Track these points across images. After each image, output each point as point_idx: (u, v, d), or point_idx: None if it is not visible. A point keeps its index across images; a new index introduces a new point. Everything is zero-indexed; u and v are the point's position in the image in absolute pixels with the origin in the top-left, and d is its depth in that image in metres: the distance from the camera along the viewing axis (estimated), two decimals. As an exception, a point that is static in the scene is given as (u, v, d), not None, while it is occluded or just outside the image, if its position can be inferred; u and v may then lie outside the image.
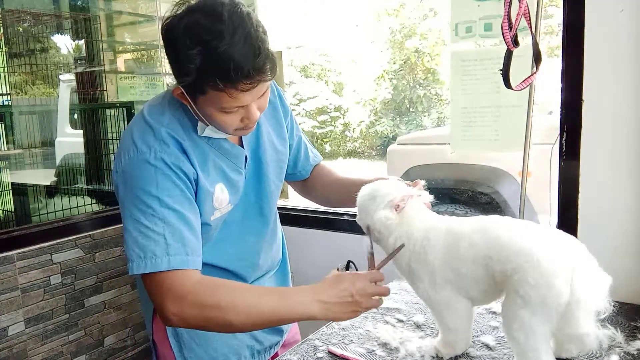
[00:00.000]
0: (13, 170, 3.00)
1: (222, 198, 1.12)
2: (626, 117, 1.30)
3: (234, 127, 1.04)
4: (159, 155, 1.03)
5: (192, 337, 1.20)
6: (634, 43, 1.27)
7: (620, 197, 1.32)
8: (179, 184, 1.04)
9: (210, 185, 1.09)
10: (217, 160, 1.12)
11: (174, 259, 0.99)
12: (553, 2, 5.25)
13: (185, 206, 1.04)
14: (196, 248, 1.03)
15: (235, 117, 1.02)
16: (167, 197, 1.02)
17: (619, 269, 1.11)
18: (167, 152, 1.04)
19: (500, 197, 3.52)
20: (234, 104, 0.98)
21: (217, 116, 1.01)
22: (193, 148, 1.08)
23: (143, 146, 1.04)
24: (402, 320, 1.26)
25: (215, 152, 1.12)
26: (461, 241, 0.98)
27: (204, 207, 1.09)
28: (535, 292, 0.87)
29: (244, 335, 1.24)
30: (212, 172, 1.10)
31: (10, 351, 1.93)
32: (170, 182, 1.03)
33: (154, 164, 1.02)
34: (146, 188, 1.02)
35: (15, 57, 3.03)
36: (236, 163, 1.15)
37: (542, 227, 0.96)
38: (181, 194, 1.04)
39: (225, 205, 1.13)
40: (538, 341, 0.89)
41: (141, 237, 1.00)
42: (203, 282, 1.01)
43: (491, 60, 1.72)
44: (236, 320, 0.98)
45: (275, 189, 1.26)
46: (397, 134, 10.22)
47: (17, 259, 1.94)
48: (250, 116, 1.02)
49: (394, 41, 12.15)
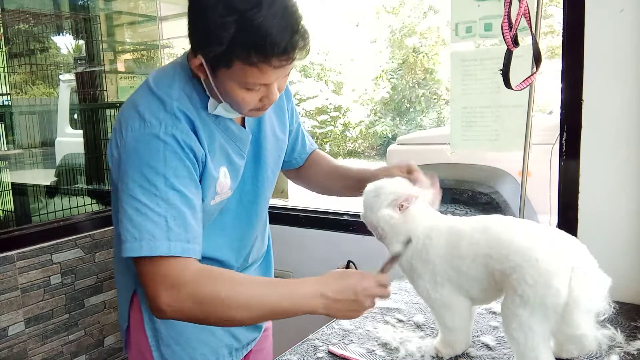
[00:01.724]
0: (13, 170, 3.00)
1: (225, 183, 1.06)
2: (626, 117, 1.30)
3: (251, 106, 0.98)
4: (169, 131, 0.96)
5: (170, 334, 1.13)
6: (634, 43, 1.27)
7: (620, 197, 1.33)
8: (188, 164, 0.97)
9: (215, 169, 1.03)
10: (223, 142, 1.06)
11: (175, 245, 0.92)
12: (553, 2, 5.25)
13: (191, 189, 0.97)
14: (197, 235, 0.97)
15: (255, 95, 0.96)
16: (173, 176, 0.95)
17: (619, 269, 1.12)
18: (179, 128, 0.96)
19: (500, 197, 3.52)
20: (259, 81, 0.93)
21: (237, 93, 0.95)
22: (203, 128, 1.01)
23: (152, 119, 0.96)
24: (402, 320, 1.26)
25: (222, 134, 1.06)
26: (462, 240, 0.99)
27: (207, 191, 1.02)
28: (534, 292, 0.87)
29: (223, 334, 1.18)
30: (217, 155, 1.04)
31: (10, 351, 1.93)
32: (179, 161, 0.96)
33: (163, 139, 0.95)
34: (152, 164, 0.94)
35: (15, 57, 3.03)
36: (241, 147, 1.10)
37: (543, 226, 0.96)
38: (188, 176, 0.97)
39: (226, 190, 1.07)
40: (537, 340, 0.89)
41: (139, 216, 0.93)
42: (203, 272, 0.94)
43: (491, 60, 1.72)
44: (237, 314, 0.94)
45: (272, 176, 1.20)
46: (397, 134, 10.22)
47: (17, 259, 1.94)
48: (270, 96, 0.97)
49: (393, 40, 12.15)
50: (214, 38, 0.88)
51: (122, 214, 0.95)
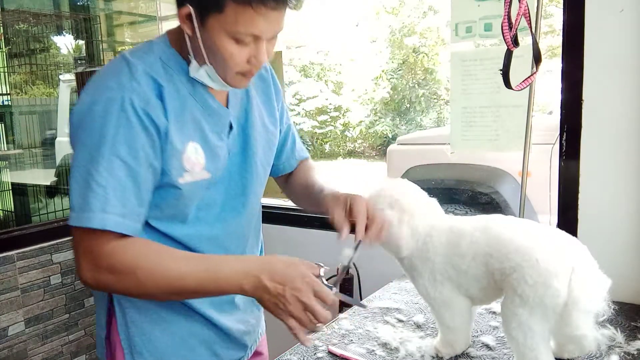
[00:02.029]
0: (13, 170, 3.00)
1: (195, 160, 0.98)
2: (626, 117, 1.30)
3: (239, 65, 0.93)
4: (127, 95, 0.90)
5: (145, 345, 1.07)
6: (634, 43, 1.27)
7: (620, 197, 1.33)
8: (142, 134, 0.91)
9: (182, 142, 0.96)
10: (197, 115, 1.00)
11: (108, 218, 0.88)
12: (553, 2, 5.25)
13: (141, 161, 0.91)
14: (135, 213, 0.92)
15: (244, 51, 0.92)
16: (122, 145, 0.90)
17: (619, 269, 1.12)
18: (138, 94, 0.91)
19: (500, 197, 3.52)
20: (250, 29, 0.88)
21: (226, 46, 0.91)
22: (173, 95, 0.96)
23: (111, 82, 0.92)
24: (402, 320, 1.26)
25: (198, 107, 1.00)
26: (462, 238, 0.99)
27: (170, 164, 0.95)
28: (533, 292, 0.87)
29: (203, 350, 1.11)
30: (188, 127, 0.98)
31: (11, 351, 1.93)
32: (132, 129, 0.90)
33: (119, 104, 0.90)
34: (102, 130, 0.89)
35: (15, 57, 3.03)
36: (219, 125, 1.03)
37: (543, 226, 0.96)
38: (141, 147, 0.91)
39: (199, 170, 0.99)
40: (536, 340, 0.89)
41: (83, 185, 0.89)
42: (124, 246, 0.90)
43: (491, 60, 1.72)
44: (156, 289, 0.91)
45: (261, 170, 1.13)
46: (397, 134, 10.22)
47: (17, 259, 1.94)
48: (259, 55, 0.92)
49: (393, 40, 12.16)
50: None
51: (71, 180, 0.91)
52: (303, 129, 12.41)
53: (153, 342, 1.07)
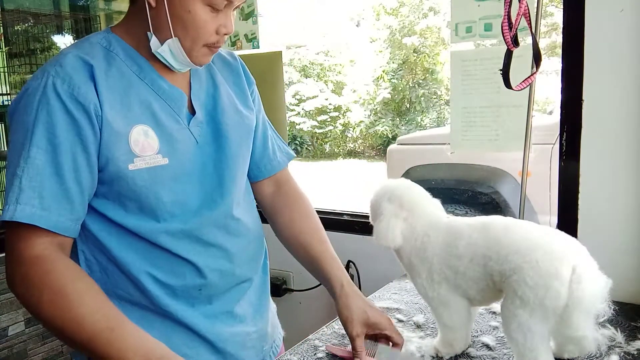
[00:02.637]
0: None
1: (146, 143, 0.92)
2: (626, 117, 1.30)
3: (209, 35, 0.91)
4: (50, 81, 0.87)
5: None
6: (634, 43, 1.27)
7: (620, 197, 1.33)
8: (66, 118, 0.86)
9: (125, 124, 0.90)
10: (146, 97, 0.94)
11: (21, 209, 0.82)
12: (553, 2, 5.25)
13: (63, 149, 0.86)
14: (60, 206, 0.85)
15: (215, 20, 0.91)
16: (42, 132, 0.85)
17: (619, 269, 1.12)
18: (61, 77, 0.87)
19: (500, 197, 3.52)
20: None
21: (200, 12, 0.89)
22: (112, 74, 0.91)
23: (39, 72, 0.89)
24: (402, 320, 1.26)
25: (147, 88, 0.95)
26: (460, 239, 0.99)
27: (113, 150, 0.89)
28: (533, 293, 0.87)
29: None
30: (134, 109, 0.92)
31: (11, 351, 1.93)
32: (54, 115, 0.86)
33: (41, 91, 0.86)
34: (23, 118, 0.86)
35: (15, 57, 3.03)
36: (172, 107, 0.97)
37: (542, 227, 0.96)
38: (63, 133, 0.86)
39: (152, 154, 0.92)
40: (536, 341, 0.89)
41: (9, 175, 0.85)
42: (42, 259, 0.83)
43: (491, 60, 1.72)
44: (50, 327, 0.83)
45: (241, 158, 1.06)
46: (397, 134, 10.23)
47: (17, 259, 1.94)
48: (227, 23, 0.92)
49: (393, 40, 12.16)
50: None
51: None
52: (303, 129, 12.42)
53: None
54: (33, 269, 0.83)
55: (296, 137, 12.38)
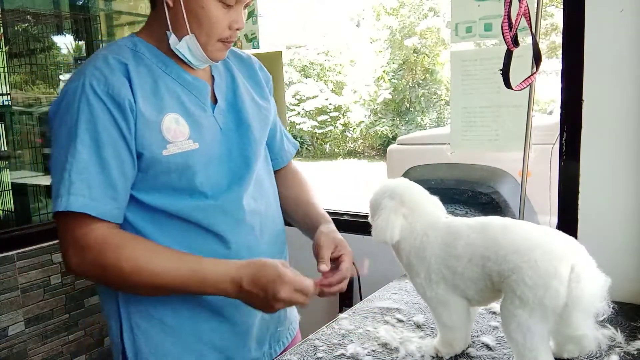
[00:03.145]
0: (13, 170, 3.00)
1: (177, 130, 1.00)
2: (626, 117, 1.30)
3: (220, 30, 1.00)
4: (87, 81, 0.95)
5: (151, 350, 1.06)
6: (634, 43, 1.27)
7: (620, 197, 1.33)
8: (104, 113, 0.94)
9: (157, 113, 0.99)
10: (175, 88, 1.04)
11: (74, 199, 0.91)
12: (553, 2, 5.25)
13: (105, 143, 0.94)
14: (107, 195, 0.94)
15: (226, 16, 1.00)
16: (85, 129, 0.93)
17: (619, 269, 1.12)
18: (97, 78, 0.96)
19: (500, 197, 3.52)
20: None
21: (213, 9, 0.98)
22: (142, 71, 1.00)
23: (75, 74, 0.98)
24: (402, 320, 1.26)
25: (173, 81, 1.04)
26: (458, 240, 0.99)
27: (147, 138, 0.97)
28: (533, 293, 0.87)
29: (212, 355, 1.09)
30: (165, 100, 1.01)
31: (11, 351, 1.93)
32: (94, 112, 0.94)
33: (80, 91, 0.95)
34: (66, 118, 0.95)
35: (15, 57, 3.03)
36: (198, 97, 1.07)
37: (540, 227, 0.96)
38: (104, 127, 0.94)
39: (183, 139, 1.00)
40: (536, 341, 0.89)
41: (57, 170, 0.94)
42: (108, 238, 0.93)
43: (491, 60, 1.72)
44: (140, 286, 0.95)
45: (260, 142, 1.16)
46: (397, 134, 10.23)
47: (17, 259, 1.94)
48: (239, 19, 1.01)
49: (393, 40, 12.16)
50: None
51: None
52: (303, 129, 12.42)
53: (160, 349, 1.06)
54: (104, 248, 0.92)
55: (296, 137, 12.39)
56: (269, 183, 1.21)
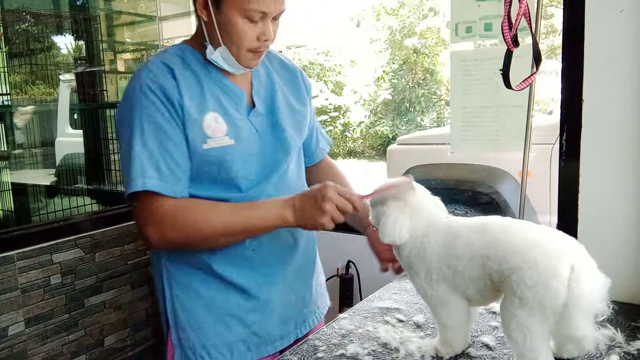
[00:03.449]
0: (13, 170, 3.00)
1: (216, 127, 1.14)
2: (626, 117, 1.30)
3: (249, 42, 1.11)
4: (145, 82, 1.11)
5: (187, 318, 1.21)
6: (634, 43, 1.27)
7: (620, 197, 1.33)
8: (162, 109, 1.10)
9: (200, 112, 1.13)
10: (215, 91, 1.17)
11: (148, 181, 1.07)
12: (553, 2, 5.25)
13: (168, 131, 1.10)
14: (172, 176, 1.10)
15: (253, 29, 1.09)
16: (148, 123, 1.10)
17: (619, 269, 1.12)
18: (151, 78, 1.12)
19: (500, 197, 3.52)
20: (259, 7, 1.06)
21: (238, 22, 1.08)
22: (187, 75, 1.15)
23: (134, 78, 1.15)
24: (402, 320, 1.26)
25: (215, 86, 1.18)
26: (458, 239, 0.99)
27: (191, 133, 1.12)
28: (532, 293, 0.87)
29: (240, 329, 1.21)
30: (207, 99, 1.15)
31: (10, 351, 1.93)
32: (153, 106, 1.10)
33: (140, 90, 1.11)
34: (131, 114, 1.11)
35: (15, 57, 3.03)
36: (235, 100, 1.20)
37: (541, 227, 0.96)
38: (163, 119, 1.10)
39: (221, 135, 1.15)
40: (535, 341, 0.89)
41: (126, 159, 1.10)
42: (177, 205, 1.09)
43: (491, 60, 1.72)
44: (215, 234, 1.10)
45: (294, 145, 1.27)
46: (397, 134, 10.22)
47: (17, 259, 1.94)
48: (266, 31, 1.10)
49: (393, 41, 12.16)
50: None
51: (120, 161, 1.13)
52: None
53: (194, 316, 1.21)
54: (176, 214, 1.09)
55: (296, 137, 12.32)
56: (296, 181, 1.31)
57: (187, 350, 1.20)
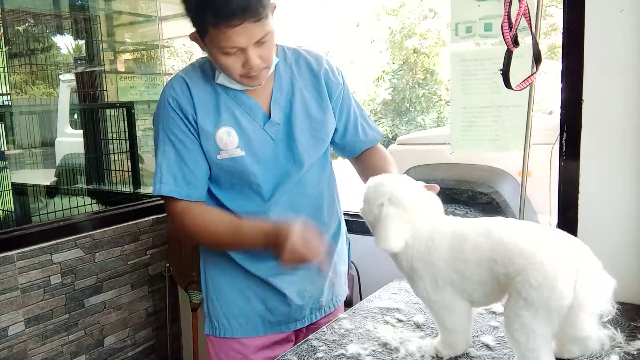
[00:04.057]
0: (13, 170, 3.00)
1: (228, 140, 1.24)
2: (626, 117, 1.30)
3: (237, 71, 1.16)
4: (167, 97, 1.24)
5: (215, 290, 1.37)
6: (634, 43, 1.27)
7: (621, 197, 1.33)
8: (179, 122, 1.23)
9: (213, 126, 1.23)
10: (231, 105, 1.25)
11: (164, 187, 1.23)
12: (553, 2, 5.25)
13: (185, 142, 1.23)
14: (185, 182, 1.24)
15: (235, 60, 1.14)
16: (169, 133, 1.23)
17: (619, 269, 1.11)
18: (170, 94, 1.24)
19: (500, 197, 3.52)
20: (231, 44, 1.10)
21: (220, 58, 1.14)
22: (203, 91, 1.24)
23: (163, 91, 1.27)
24: (402, 320, 1.26)
25: (230, 100, 1.26)
26: (466, 244, 0.97)
27: (206, 145, 1.24)
28: (538, 294, 0.86)
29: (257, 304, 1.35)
30: (222, 113, 1.24)
31: (10, 351, 1.93)
32: (172, 119, 1.23)
33: (163, 105, 1.24)
34: (157, 125, 1.26)
35: (15, 57, 3.03)
36: (250, 113, 1.26)
37: (546, 228, 0.95)
38: (180, 132, 1.23)
39: (233, 148, 1.24)
40: (538, 342, 0.89)
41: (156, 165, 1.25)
42: (186, 210, 1.25)
43: (491, 60, 1.72)
44: (204, 243, 1.32)
45: (306, 156, 1.30)
46: (397, 134, 10.22)
47: (17, 259, 1.94)
48: (249, 61, 1.13)
49: (393, 41, 12.15)
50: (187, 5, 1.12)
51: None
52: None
53: (220, 288, 1.36)
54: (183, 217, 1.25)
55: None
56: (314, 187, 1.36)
57: (212, 318, 1.37)
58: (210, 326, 1.38)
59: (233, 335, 1.36)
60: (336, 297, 1.47)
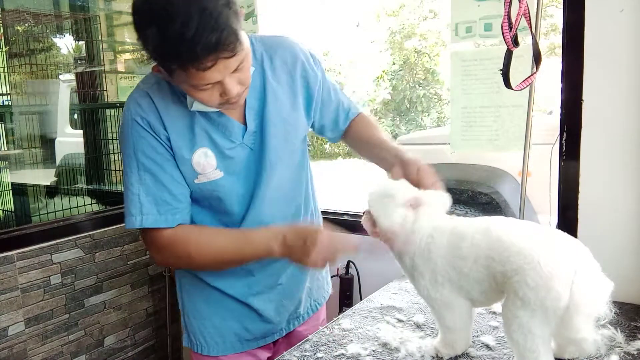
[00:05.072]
0: (13, 170, 3.00)
1: (206, 163, 1.13)
2: (626, 117, 1.30)
3: (215, 102, 1.02)
4: (134, 116, 1.09)
5: (190, 307, 1.31)
6: (634, 43, 1.27)
7: (620, 197, 1.33)
8: (152, 141, 1.09)
9: (188, 150, 1.12)
10: (205, 125, 1.13)
11: (146, 219, 1.10)
12: (553, 2, 5.25)
13: (162, 165, 1.10)
14: (169, 207, 1.11)
15: (211, 92, 0.99)
16: (143, 157, 1.09)
17: (618, 269, 1.12)
18: (137, 113, 1.09)
19: (500, 197, 3.52)
20: (202, 82, 0.95)
21: (193, 93, 1.00)
22: (173, 110, 1.10)
23: (126, 104, 1.12)
24: (402, 320, 1.26)
25: (202, 120, 1.13)
26: (463, 241, 0.98)
27: (182, 168, 1.13)
28: (534, 294, 0.87)
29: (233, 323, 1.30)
30: (197, 136, 1.12)
31: (10, 351, 1.93)
32: (143, 140, 1.09)
33: (131, 124, 1.09)
34: (127, 150, 1.11)
35: (15, 57, 3.03)
36: (224, 132, 1.15)
37: (545, 228, 0.95)
38: (157, 154, 1.10)
39: (211, 170, 1.13)
40: (537, 343, 0.89)
41: (126, 194, 1.12)
42: (176, 236, 1.13)
43: (491, 60, 1.72)
44: (206, 264, 1.17)
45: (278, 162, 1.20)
46: (397, 134, 10.22)
47: (17, 259, 1.94)
48: (227, 91, 0.99)
49: (393, 42, 12.16)
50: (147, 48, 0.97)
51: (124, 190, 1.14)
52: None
53: (195, 306, 1.30)
54: (174, 245, 1.13)
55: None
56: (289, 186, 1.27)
57: (190, 334, 1.32)
58: (188, 340, 1.33)
59: (209, 353, 1.30)
60: (315, 301, 1.43)
